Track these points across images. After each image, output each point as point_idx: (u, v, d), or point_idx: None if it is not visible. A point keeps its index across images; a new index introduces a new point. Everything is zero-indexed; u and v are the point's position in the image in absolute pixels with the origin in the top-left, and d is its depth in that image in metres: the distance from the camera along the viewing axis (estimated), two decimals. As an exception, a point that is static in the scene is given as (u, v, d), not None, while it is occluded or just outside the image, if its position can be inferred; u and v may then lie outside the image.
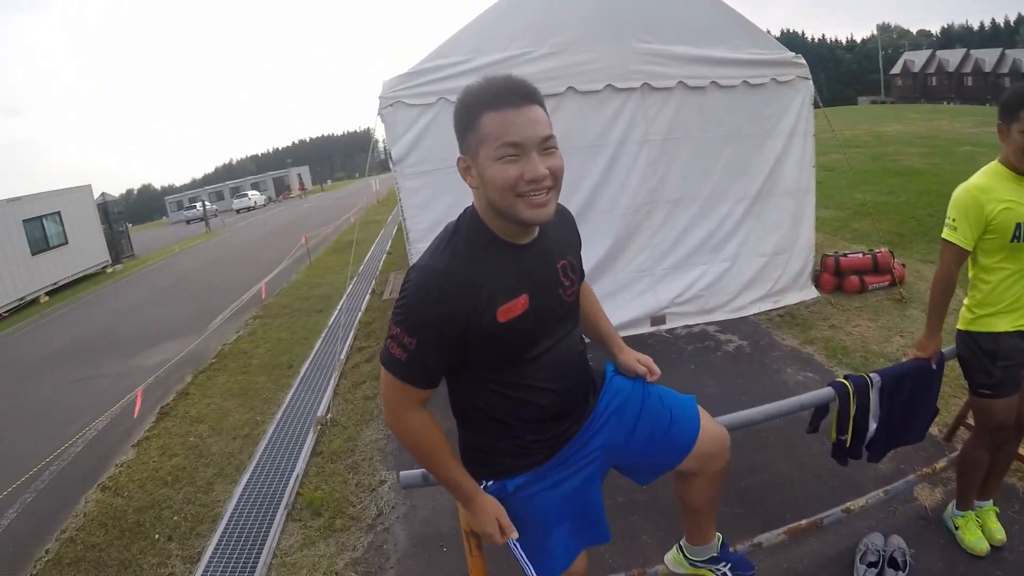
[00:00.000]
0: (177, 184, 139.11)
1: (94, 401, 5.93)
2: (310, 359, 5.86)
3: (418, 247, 4.76)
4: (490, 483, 1.56)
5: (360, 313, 7.23)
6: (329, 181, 72.08)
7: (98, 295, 13.99)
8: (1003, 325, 2.30)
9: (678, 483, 1.82)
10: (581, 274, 1.63)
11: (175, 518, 3.60)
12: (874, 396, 2.31)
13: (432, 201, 4.73)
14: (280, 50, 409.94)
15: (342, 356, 5.65)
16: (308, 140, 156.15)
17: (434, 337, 1.34)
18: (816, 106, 5.66)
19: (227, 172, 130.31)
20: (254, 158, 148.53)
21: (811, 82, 5.57)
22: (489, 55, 4.62)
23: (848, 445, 2.36)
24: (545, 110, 1.35)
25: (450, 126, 4.55)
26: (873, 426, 2.34)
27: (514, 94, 1.30)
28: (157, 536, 3.46)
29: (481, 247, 1.38)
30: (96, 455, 4.72)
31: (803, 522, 2.49)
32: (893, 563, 2.42)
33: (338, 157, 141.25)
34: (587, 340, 1.76)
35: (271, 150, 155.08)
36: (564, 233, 1.59)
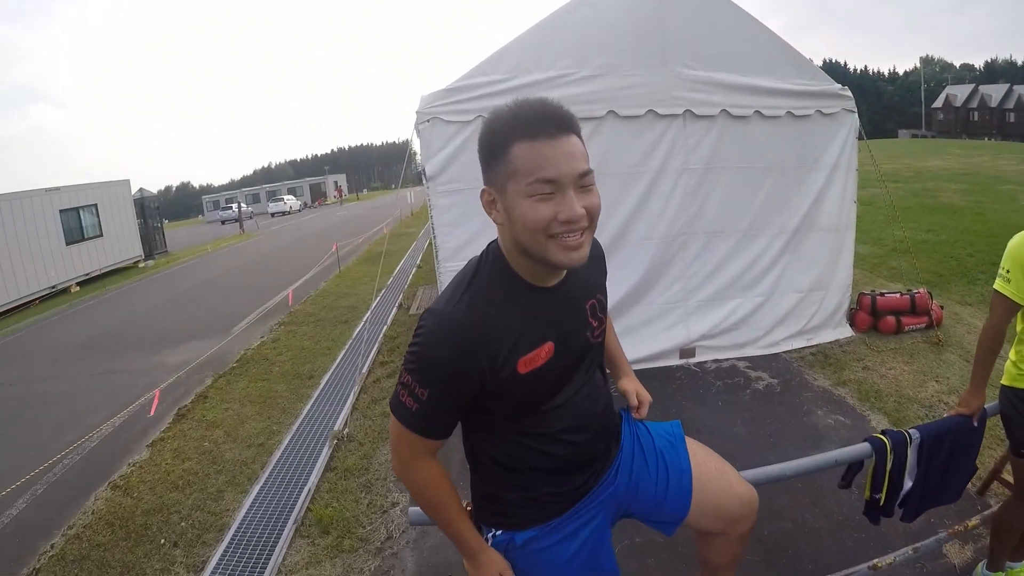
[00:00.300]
0: (215, 184, 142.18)
1: (113, 396, 5.98)
2: (331, 370, 5.81)
3: (447, 266, 4.72)
4: (498, 533, 1.45)
5: (386, 327, 7.17)
6: (365, 190, 72.87)
7: (127, 289, 14.19)
8: None
9: (699, 542, 1.71)
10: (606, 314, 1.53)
11: (183, 524, 3.56)
12: (912, 453, 2.17)
13: (463, 220, 4.67)
14: (325, 57, 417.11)
15: (364, 370, 5.60)
16: (347, 148, 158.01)
17: (448, 390, 1.25)
18: (860, 138, 5.54)
19: (265, 175, 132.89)
20: (292, 163, 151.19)
21: (856, 115, 5.44)
22: (530, 75, 4.57)
23: (882, 504, 2.23)
24: (582, 139, 1.22)
25: (488, 145, 4.34)
26: (908, 484, 2.21)
27: (550, 122, 1.16)
28: (163, 541, 3.43)
29: (503, 291, 1.27)
30: (110, 452, 4.74)
31: (826, 577, 2.35)
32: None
33: (375, 167, 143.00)
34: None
35: (310, 156, 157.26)
36: (592, 268, 1.43)
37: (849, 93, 5.40)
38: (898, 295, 5.94)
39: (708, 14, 4.87)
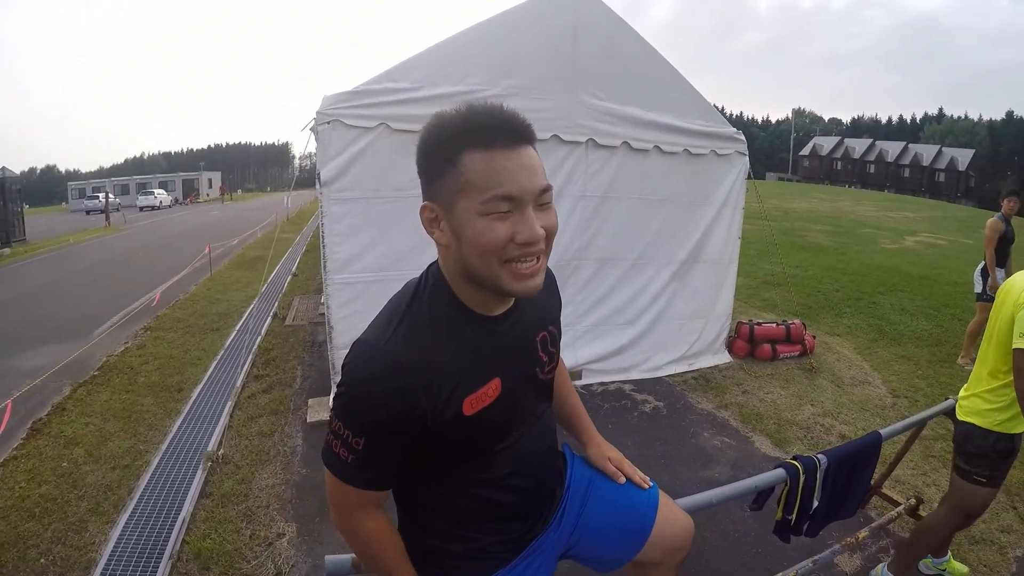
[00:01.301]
0: (83, 170, 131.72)
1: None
2: (202, 383, 5.36)
3: (336, 279, 4.46)
4: None
5: (260, 337, 6.74)
6: (239, 191, 69.55)
7: (-26, 279, 12.63)
8: (1022, 427, 2.41)
9: (635, 573, 1.61)
10: (558, 351, 1.38)
11: (42, 560, 3.07)
12: (820, 476, 2.31)
13: (356, 231, 4.44)
14: (208, 47, 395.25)
15: (238, 384, 5.24)
16: (224, 145, 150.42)
17: (387, 437, 1.09)
18: (748, 178, 5.84)
19: (136, 166, 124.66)
20: (166, 155, 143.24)
21: (747, 158, 5.76)
22: (440, 87, 4.45)
23: (793, 523, 2.37)
24: (537, 151, 1.08)
25: (386, 154, 4.26)
26: (816, 504, 2.35)
27: (507, 131, 1.02)
28: None
29: (445, 321, 1.12)
30: None
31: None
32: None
33: (251, 167, 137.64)
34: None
35: (185, 150, 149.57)
36: (544, 296, 1.29)
37: (743, 137, 5.72)
38: (774, 324, 6.33)
39: (620, 48, 4.97)
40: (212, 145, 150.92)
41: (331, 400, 4.77)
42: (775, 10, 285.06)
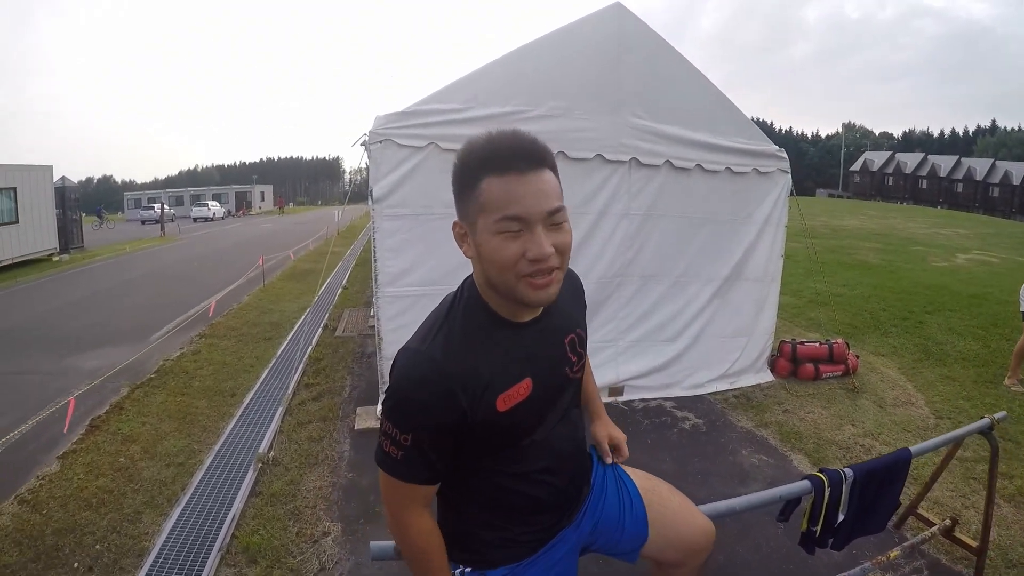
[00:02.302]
0: (138, 181, 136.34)
1: (21, 400, 5.54)
2: (255, 389, 5.59)
3: (387, 291, 4.64)
4: (468, 571, 1.43)
5: (311, 348, 6.97)
6: (291, 204, 71.03)
7: (40, 284, 13.24)
8: None
9: (659, 573, 1.74)
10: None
11: (97, 547, 3.28)
12: (846, 490, 2.36)
13: (406, 247, 4.62)
14: (262, 64, 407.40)
15: (289, 391, 5.44)
16: (276, 159, 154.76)
17: (432, 432, 1.22)
18: (791, 194, 5.86)
19: (190, 178, 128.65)
20: (219, 168, 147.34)
21: (790, 176, 5.77)
22: (487, 108, 4.61)
23: (818, 536, 2.40)
24: (556, 174, 1.21)
25: (435, 173, 4.47)
26: (841, 517, 2.39)
27: (521, 157, 1.14)
28: (76, 564, 3.14)
29: (479, 328, 1.26)
30: (16, 462, 4.33)
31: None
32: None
33: (302, 181, 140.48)
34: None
35: (237, 163, 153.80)
36: (571, 302, 1.47)
37: (785, 155, 5.72)
38: (817, 344, 6.27)
39: (663, 69, 5.07)
40: (264, 159, 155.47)
41: (380, 405, 4.93)
42: (823, 20, 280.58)
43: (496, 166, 1.14)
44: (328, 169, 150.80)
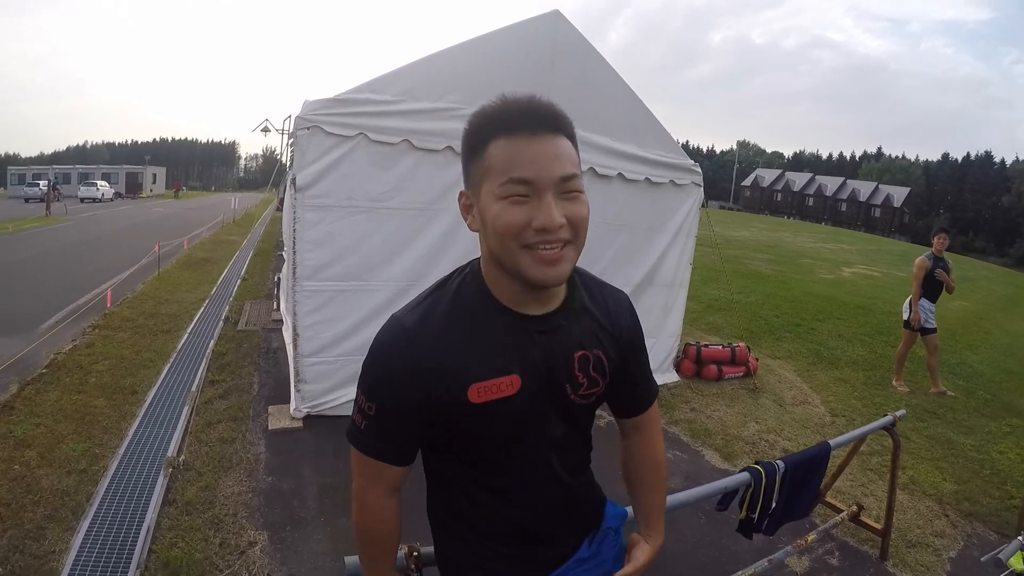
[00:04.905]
0: (23, 155, 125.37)
1: None
2: (157, 386, 5.23)
3: (306, 285, 4.48)
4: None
5: (213, 341, 6.64)
6: (184, 188, 67.20)
7: None
8: None
9: None
10: (606, 384, 1.24)
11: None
12: (779, 480, 2.59)
13: (327, 240, 4.48)
14: (159, 35, 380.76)
15: (194, 388, 5.17)
16: (170, 140, 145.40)
17: (396, 405, 1.11)
18: (702, 206, 6.15)
19: (79, 155, 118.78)
20: (110, 146, 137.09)
21: (702, 189, 6.07)
22: (420, 101, 4.56)
23: (755, 522, 2.63)
24: (575, 143, 1.08)
25: (363, 164, 4.39)
26: (774, 505, 2.63)
27: (533, 119, 1.02)
28: None
29: (466, 307, 1.12)
30: None
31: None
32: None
33: (196, 165, 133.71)
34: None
35: (129, 141, 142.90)
36: (607, 321, 1.25)
37: (699, 169, 6.06)
38: (720, 347, 6.67)
39: (593, 77, 5.19)
40: (158, 139, 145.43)
41: (292, 403, 4.75)
42: (728, 44, 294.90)
43: (506, 127, 1.02)
44: (223, 154, 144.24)
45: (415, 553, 1.43)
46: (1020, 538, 2.32)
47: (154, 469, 3.84)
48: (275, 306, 8.19)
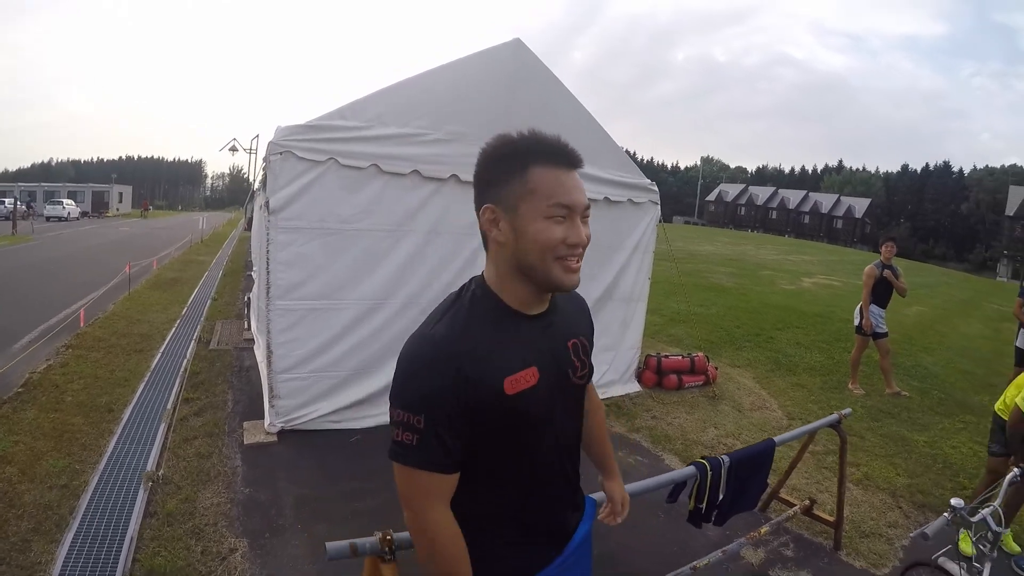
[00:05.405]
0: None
1: None
2: (132, 404, 5.33)
3: (278, 304, 4.64)
4: None
5: (186, 361, 6.73)
6: (150, 208, 65.97)
7: None
8: None
9: None
10: (591, 366, 1.51)
11: None
12: (724, 473, 2.84)
13: (299, 260, 4.65)
14: (125, 54, 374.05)
15: (169, 406, 5.27)
16: (136, 158, 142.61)
17: (443, 412, 1.20)
18: (659, 222, 6.45)
19: (43, 172, 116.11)
20: (75, 163, 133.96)
21: (659, 207, 6.37)
22: (388, 127, 4.76)
23: (703, 512, 2.87)
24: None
25: (333, 188, 4.60)
26: (720, 497, 2.86)
27: (567, 155, 1.27)
28: None
29: (484, 314, 1.29)
30: None
31: (660, 581, 2.93)
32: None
33: (162, 183, 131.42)
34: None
35: (95, 159, 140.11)
36: (574, 312, 1.51)
37: (656, 188, 6.35)
38: (680, 357, 6.95)
39: (552, 103, 5.47)
40: (124, 156, 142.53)
41: (267, 418, 4.85)
42: (691, 62, 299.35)
43: (547, 157, 1.25)
44: (190, 172, 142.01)
45: (388, 537, 1.65)
46: (946, 515, 2.49)
47: (134, 483, 3.94)
48: (246, 325, 8.28)
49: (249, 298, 8.68)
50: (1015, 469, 2.81)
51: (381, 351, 5.02)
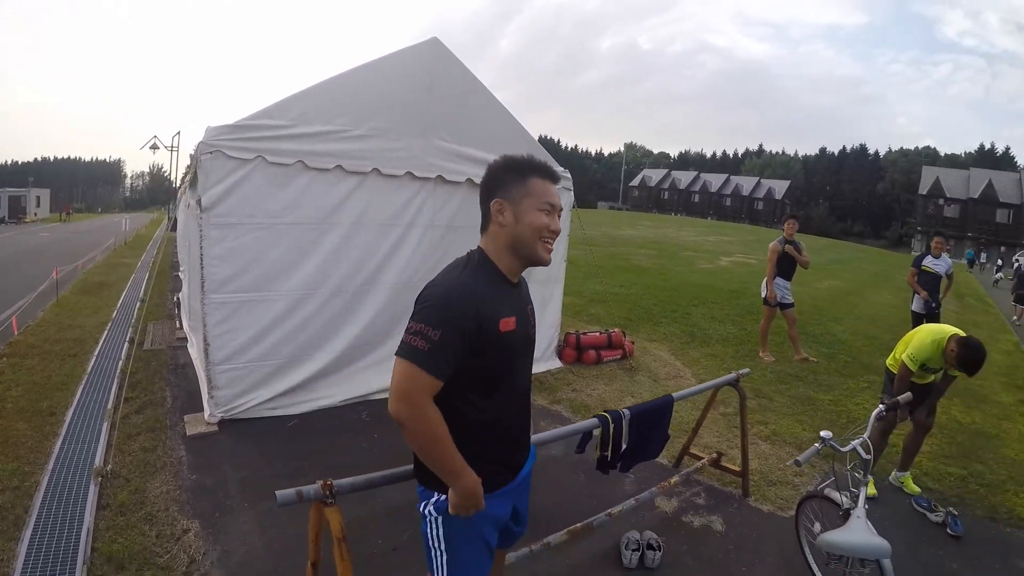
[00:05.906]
0: None
1: None
2: (73, 407, 5.37)
3: (214, 298, 4.80)
4: (442, 497, 1.82)
5: (121, 362, 6.78)
6: (71, 211, 62.24)
7: None
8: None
9: None
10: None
11: None
12: (625, 425, 3.24)
13: (231, 255, 4.82)
14: (41, 44, 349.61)
15: (109, 406, 5.36)
16: (52, 159, 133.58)
17: (456, 331, 1.66)
18: (572, 207, 6.89)
19: None
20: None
21: (572, 192, 6.83)
22: (312, 125, 4.98)
23: (609, 460, 3.25)
24: None
25: (261, 184, 4.97)
26: (624, 446, 3.26)
27: (552, 173, 1.90)
28: None
29: (490, 275, 1.83)
30: None
31: (578, 525, 3.33)
32: (650, 547, 3.39)
33: (79, 185, 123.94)
34: None
35: (9, 162, 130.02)
36: (526, 288, 2.06)
37: (569, 175, 6.73)
38: (597, 333, 7.43)
39: (468, 98, 5.83)
40: (39, 158, 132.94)
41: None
42: (616, 50, 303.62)
43: (542, 172, 1.87)
44: (109, 172, 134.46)
45: (329, 483, 2.08)
46: (816, 445, 2.88)
47: (84, 480, 4.04)
48: (178, 325, 8.32)
49: (179, 298, 8.71)
50: (880, 405, 3.32)
51: (313, 338, 5.28)
